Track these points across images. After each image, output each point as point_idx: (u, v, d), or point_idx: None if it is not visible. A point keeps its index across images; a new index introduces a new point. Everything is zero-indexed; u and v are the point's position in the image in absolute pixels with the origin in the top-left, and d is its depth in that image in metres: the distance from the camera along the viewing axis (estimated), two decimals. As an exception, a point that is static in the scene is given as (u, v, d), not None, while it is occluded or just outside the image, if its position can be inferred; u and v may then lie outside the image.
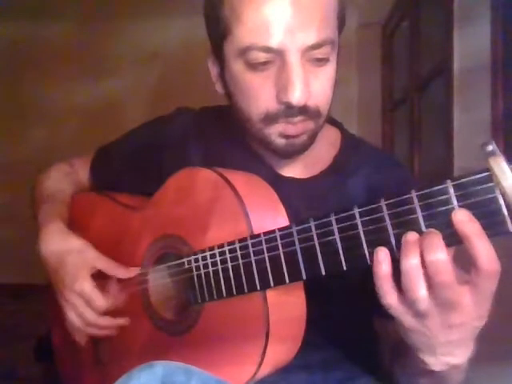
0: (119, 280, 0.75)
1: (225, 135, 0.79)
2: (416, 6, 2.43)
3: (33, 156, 3.16)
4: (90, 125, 3.22)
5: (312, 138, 0.69)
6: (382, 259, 0.46)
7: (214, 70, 0.73)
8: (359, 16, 3.00)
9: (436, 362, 0.51)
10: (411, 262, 0.45)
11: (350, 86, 3.07)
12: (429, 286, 0.45)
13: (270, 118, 0.65)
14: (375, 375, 0.76)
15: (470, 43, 1.76)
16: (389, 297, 0.47)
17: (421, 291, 0.45)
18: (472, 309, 0.46)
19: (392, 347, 0.71)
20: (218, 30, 0.66)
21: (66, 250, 0.75)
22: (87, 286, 0.72)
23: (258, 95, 0.65)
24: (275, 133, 0.67)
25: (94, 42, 3.25)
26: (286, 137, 0.67)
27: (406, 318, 0.48)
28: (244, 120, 0.69)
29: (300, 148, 0.69)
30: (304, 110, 0.64)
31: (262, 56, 0.62)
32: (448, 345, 0.49)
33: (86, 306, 0.73)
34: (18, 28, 3.29)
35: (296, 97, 0.61)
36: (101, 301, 0.72)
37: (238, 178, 0.64)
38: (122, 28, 3.24)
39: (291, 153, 0.69)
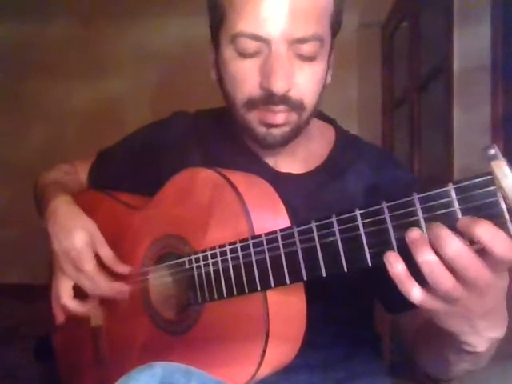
0: (119, 278, 0.75)
1: (221, 136, 0.80)
2: (416, 6, 2.43)
3: (33, 156, 3.16)
4: (91, 125, 3.22)
5: (295, 131, 0.70)
6: (395, 260, 0.45)
7: (210, 57, 0.75)
8: (359, 16, 2.99)
9: (481, 340, 0.50)
10: (428, 259, 0.43)
11: (349, 86, 3.06)
12: (453, 273, 0.44)
13: (252, 104, 0.67)
14: (375, 375, 0.76)
15: (470, 43, 1.76)
16: (414, 292, 0.46)
17: (449, 282, 0.44)
18: (494, 276, 0.44)
19: (415, 341, 0.70)
20: (215, 18, 0.69)
21: (74, 224, 0.76)
22: (91, 265, 0.73)
23: (244, 80, 0.67)
24: (255, 119, 0.68)
25: (94, 41, 3.25)
26: (267, 125, 0.68)
27: (440, 307, 0.47)
28: (230, 105, 0.71)
29: (281, 139, 0.70)
30: (286, 100, 0.66)
31: (250, 43, 0.64)
32: (487, 316, 0.48)
33: (88, 282, 0.74)
34: (18, 28, 3.29)
35: (277, 85, 0.63)
36: (104, 281, 0.73)
37: (239, 178, 0.64)
38: (122, 28, 3.24)
39: (272, 143, 0.70)
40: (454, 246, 0.42)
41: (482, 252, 0.42)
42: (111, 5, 3.19)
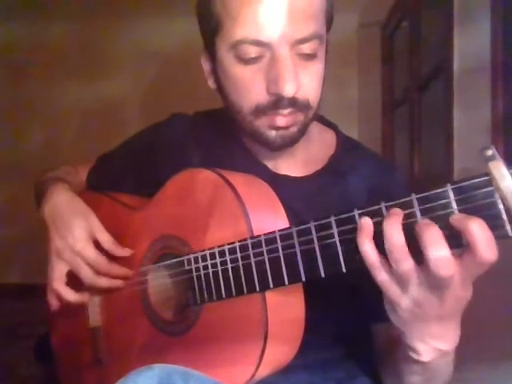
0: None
1: (220, 137, 0.80)
2: (416, 6, 2.43)
3: (33, 156, 3.16)
4: (90, 125, 3.22)
5: (302, 130, 0.70)
6: (367, 224, 0.47)
7: (206, 65, 0.74)
8: (359, 16, 3.00)
9: (426, 348, 0.51)
10: (395, 239, 0.45)
11: (350, 86, 3.07)
12: (420, 260, 0.45)
13: (260, 110, 0.67)
14: (375, 375, 0.76)
15: (470, 43, 1.76)
16: (378, 271, 0.47)
17: (407, 263, 0.45)
18: (459, 284, 0.45)
19: (382, 350, 0.72)
20: (210, 26, 0.68)
21: (72, 210, 0.76)
22: (90, 249, 0.74)
23: (249, 88, 0.66)
24: (265, 125, 0.68)
25: (94, 41, 3.25)
26: (276, 128, 0.68)
27: (405, 301, 0.48)
28: (235, 113, 0.70)
29: (290, 140, 0.70)
30: (293, 102, 0.66)
31: (252, 49, 0.64)
32: (439, 323, 0.49)
33: (86, 267, 0.74)
34: (18, 28, 3.29)
35: (286, 88, 0.63)
36: (104, 263, 0.74)
37: (238, 179, 0.64)
38: (122, 28, 3.24)
39: (281, 145, 0.70)
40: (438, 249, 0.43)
41: (461, 254, 0.43)
42: (111, 4, 3.19)
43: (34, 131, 3.34)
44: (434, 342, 0.51)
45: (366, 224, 0.47)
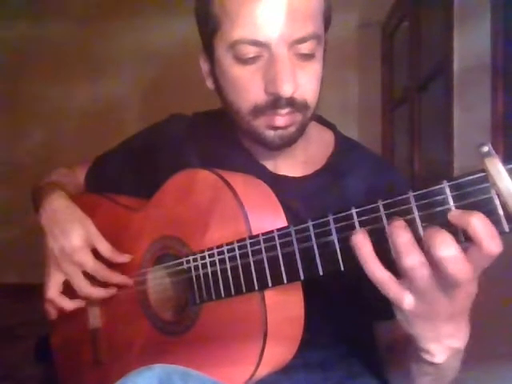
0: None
1: (219, 137, 0.81)
2: (416, 6, 2.43)
3: (33, 156, 3.16)
4: (90, 125, 3.22)
5: (300, 130, 0.70)
6: (362, 241, 0.46)
7: (204, 66, 0.75)
8: (359, 16, 3.00)
9: (440, 349, 0.51)
10: (402, 241, 0.44)
11: (349, 86, 3.07)
12: (428, 261, 0.44)
13: (258, 110, 0.67)
14: (375, 374, 0.76)
15: (470, 43, 1.76)
16: (380, 277, 0.46)
17: (411, 259, 0.44)
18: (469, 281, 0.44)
19: (386, 350, 0.71)
20: (208, 27, 0.68)
21: (69, 218, 0.76)
22: (88, 257, 0.74)
23: (247, 88, 0.66)
24: (263, 125, 0.68)
25: (94, 41, 3.25)
26: (274, 128, 0.68)
27: (406, 301, 0.47)
28: (234, 113, 0.70)
29: (288, 140, 0.70)
30: (291, 102, 0.66)
31: (250, 49, 0.64)
32: (451, 321, 0.49)
33: (80, 278, 0.74)
34: (18, 28, 3.29)
35: (284, 88, 0.63)
36: (103, 270, 0.74)
37: (237, 180, 0.64)
38: (122, 28, 3.24)
39: (280, 145, 0.70)
40: (449, 247, 0.42)
41: (466, 250, 0.43)
42: (111, 5, 3.19)
43: (33, 131, 3.34)
44: (447, 341, 0.50)
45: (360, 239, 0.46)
